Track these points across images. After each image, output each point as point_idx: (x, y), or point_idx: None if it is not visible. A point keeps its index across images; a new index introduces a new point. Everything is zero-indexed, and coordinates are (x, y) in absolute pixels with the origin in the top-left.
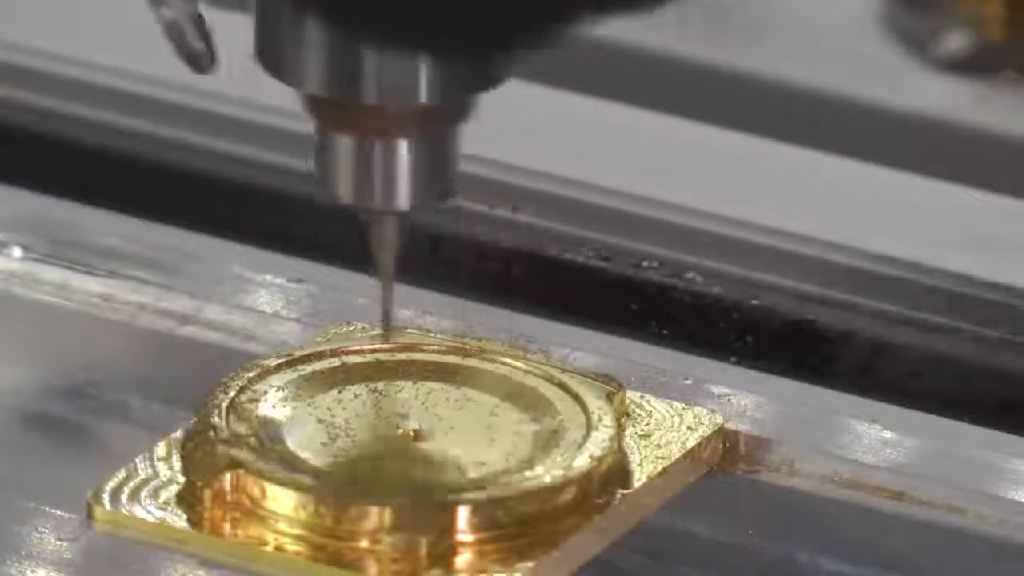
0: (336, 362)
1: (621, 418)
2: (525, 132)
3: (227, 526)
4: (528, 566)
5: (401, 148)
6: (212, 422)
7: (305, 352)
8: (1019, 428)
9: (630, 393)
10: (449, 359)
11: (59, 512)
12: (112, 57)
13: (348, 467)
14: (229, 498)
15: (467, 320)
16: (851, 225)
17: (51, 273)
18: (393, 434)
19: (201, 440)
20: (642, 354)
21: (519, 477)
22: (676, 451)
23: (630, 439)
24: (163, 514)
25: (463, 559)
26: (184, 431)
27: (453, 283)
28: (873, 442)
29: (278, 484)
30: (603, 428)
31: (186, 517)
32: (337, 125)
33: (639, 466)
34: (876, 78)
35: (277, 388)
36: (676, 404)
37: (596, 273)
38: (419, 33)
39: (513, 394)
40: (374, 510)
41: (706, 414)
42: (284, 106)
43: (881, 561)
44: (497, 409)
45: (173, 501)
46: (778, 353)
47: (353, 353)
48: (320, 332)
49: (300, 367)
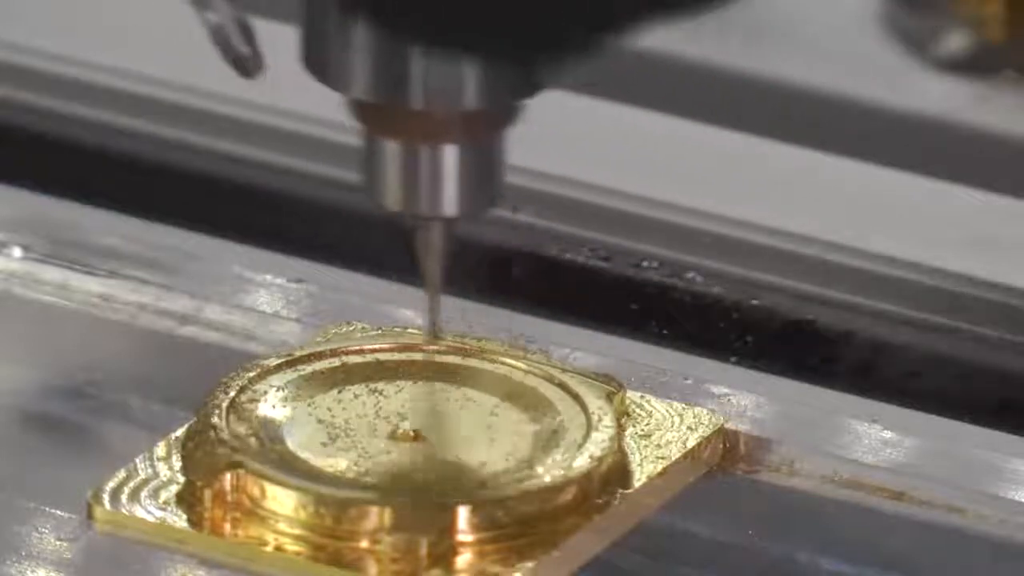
0: (336, 362)
1: (621, 418)
2: (524, 131)
3: (227, 526)
4: (528, 566)
5: (448, 153)
6: (212, 422)
7: (305, 352)
8: (1019, 428)
9: (630, 393)
10: (449, 359)
11: (59, 512)
12: (112, 57)
13: (348, 467)
14: (229, 498)
15: (467, 320)
16: (851, 225)
17: (51, 273)
18: (393, 434)
19: (201, 440)
20: (642, 354)
21: (519, 477)
22: (676, 451)
23: (630, 439)
24: (163, 514)
25: (463, 559)
26: (184, 431)
27: (453, 283)
28: (873, 442)
29: (278, 484)
30: (603, 428)
31: (186, 517)
32: (383, 130)
33: (639, 466)
34: (876, 78)
35: (277, 388)
36: (676, 404)
37: (596, 273)
38: (467, 37)
39: (513, 394)
40: (374, 510)
41: (706, 414)
42: (284, 106)
43: (881, 561)
44: (497, 409)
45: (173, 501)
46: (778, 353)
47: (353, 353)
48: (320, 332)
49: (300, 367)
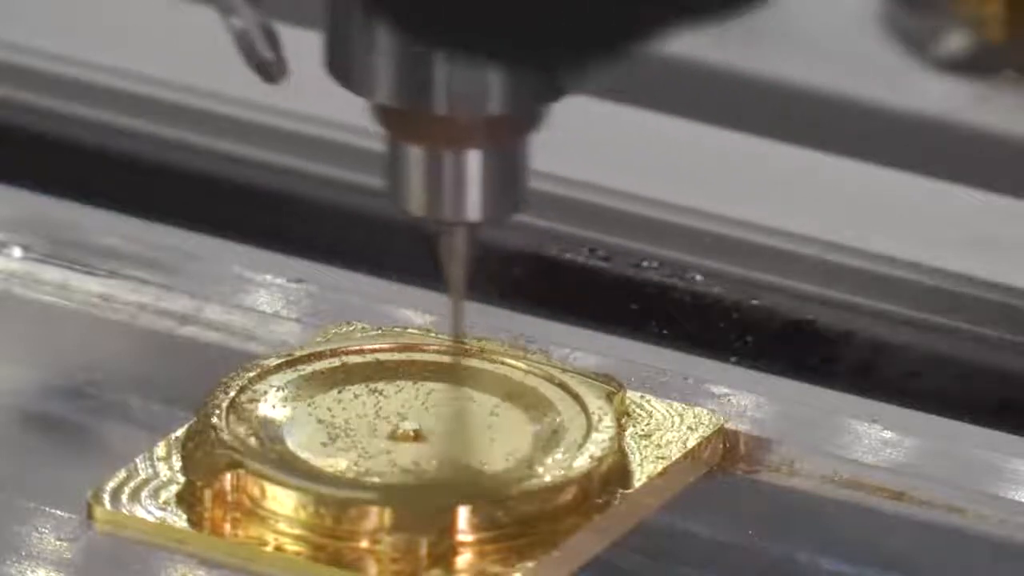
0: (336, 362)
1: (621, 418)
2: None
3: (227, 526)
4: (528, 566)
5: (471, 158)
6: (212, 422)
7: (305, 352)
8: (1019, 428)
9: (630, 393)
10: (449, 359)
11: (59, 512)
12: (112, 57)
13: (348, 467)
14: (229, 498)
15: (467, 320)
16: (851, 225)
17: (51, 273)
18: (393, 434)
19: (201, 440)
20: (642, 354)
21: (519, 477)
22: (676, 451)
23: (630, 439)
24: (163, 514)
25: (463, 559)
26: (184, 431)
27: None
28: (873, 442)
29: (278, 484)
30: (603, 428)
31: (186, 517)
32: (407, 135)
33: (639, 466)
34: (876, 78)
35: (277, 388)
36: (676, 404)
37: (596, 273)
38: (492, 42)
39: (513, 394)
40: (374, 510)
41: (706, 414)
42: (284, 107)
43: (881, 561)
44: (497, 409)
45: (173, 501)
46: (778, 353)
47: (353, 353)
48: (320, 332)
49: (300, 367)
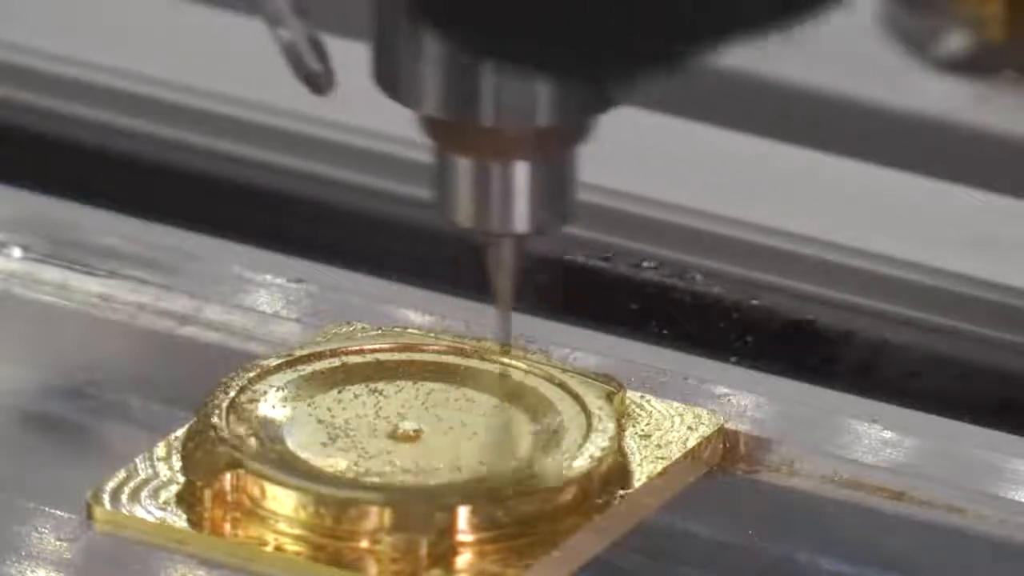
0: (336, 362)
1: (621, 418)
2: None
3: (227, 526)
4: (528, 566)
5: (519, 170)
6: (212, 422)
7: (305, 352)
8: (1019, 428)
9: (630, 393)
10: (449, 359)
11: (59, 512)
12: (112, 57)
13: (348, 467)
14: (229, 498)
15: (467, 320)
16: (851, 225)
17: (51, 273)
18: (393, 434)
19: (201, 440)
20: (642, 354)
21: (519, 477)
22: (676, 451)
23: (630, 439)
24: (163, 514)
25: (463, 559)
26: (184, 431)
27: (453, 283)
28: (873, 442)
29: (278, 484)
30: (603, 428)
31: (186, 517)
32: (454, 147)
33: (639, 466)
34: (876, 78)
35: (277, 388)
36: (676, 404)
37: (596, 273)
38: (542, 54)
39: (513, 394)
40: (374, 510)
41: (706, 414)
42: (284, 107)
43: (881, 561)
44: (497, 409)
45: (173, 501)
46: (778, 353)
47: (353, 353)
48: (320, 332)
49: (300, 367)
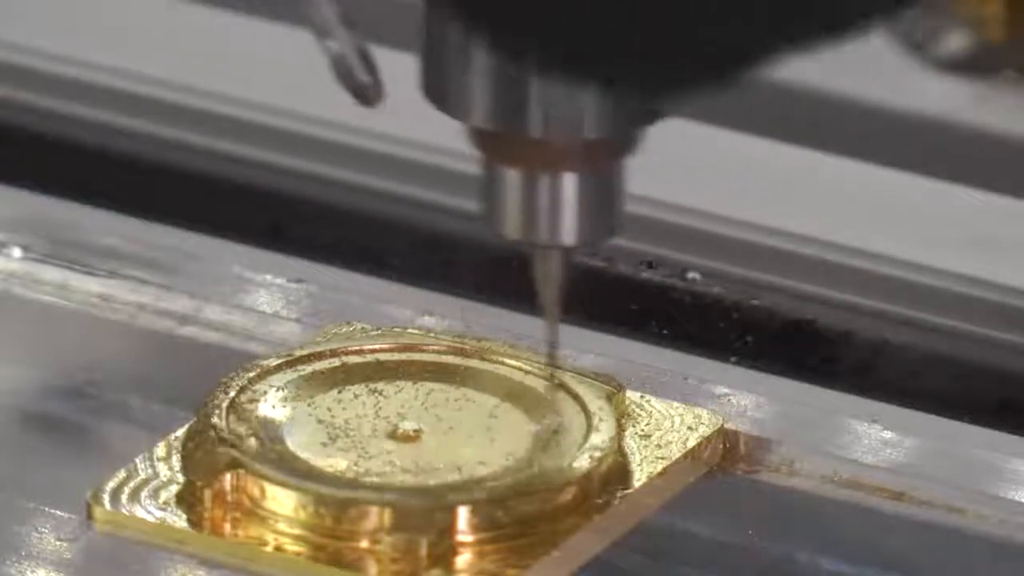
0: (336, 362)
1: (621, 418)
2: None
3: (227, 526)
4: (528, 566)
5: (567, 181)
6: (212, 422)
7: (305, 352)
8: (1019, 428)
9: (630, 393)
10: (449, 359)
11: (59, 512)
12: (112, 57)
13: (348, 467)
14: (229, 498)
15: (467, 320)
16: (851, 225)
17: (51, 273)
18: (393, 434)
19: (201, 440)
20: (642, 354)
21: (519, 477)
22: (676, 451)
23: (630, 439)
24: (163, 514)
25: (463, 559)
26: (184, 431)
27: (453, 283)
28: (873, 442)
29: (278, 484)
30: (603, 428)
31: (186, 517)
32: (503, 158)
33: (639, 466)
34: (876, 78)
35: (277, 388)
36: (676, 404)
37: (596, 273)
38: (596, 67)
39: (513, 394)
40: (374, 510)
41: (706, 414)
42: (285, 107)
43: (881, 561)
44: (497, 409)
45: (173, 501)
46: (778, 353)
47: (353, 353)
48: (320, 332)
49: (300, 367)
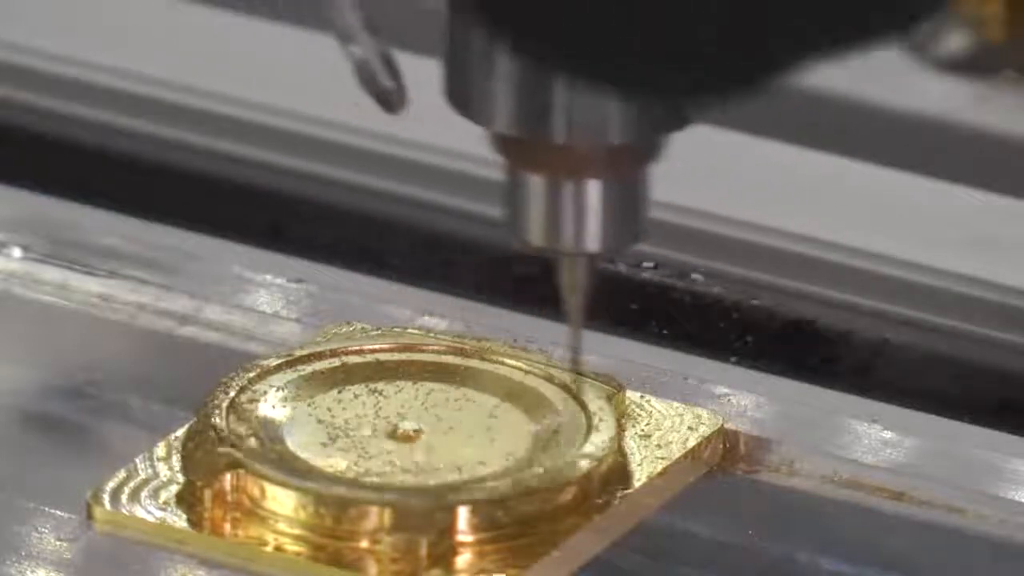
0: (336, 362)
1: (621, 418)
2: None
3: (227, 526)
4: (528, 566)
5: (592, 188)
6: (212, 422)
7: (305, 352)
8: (1019, 428)
9: (630, 393)
10: (449, 359)
11: (59, 512)
12: (112, 57)
13: (348, 467)
14: (229, 498)
15: (467, 320)
16: (851, 225)
17: (51, 273)
18: (393, 434)
19: (201, 440)
20: (642, 354)
21: (519, 477)
22: (677, 451)
23: (630, 439)
24: (163, 514)
25: (463, 559)
26: (184, 431)
27: (453, 283)
28: (873, 442)
29: (278, 484)
30: (603, 428)
31: (186, 517)
32: (527, 165)
33: (639, 466)
34: (876, 78)
35: (277, 388)
36: (676, 404)
37: (596, 273)
38: (625, 74)
39: (513, 394)
40: (374, 510)
41: (706, 414)
42: (285, 107)
43: (881, 561)
44: (497, 409)
45: (173, 501)
46: (778, 353)
47: (353, 353)
48: (320, 332)
49: (300, 367)
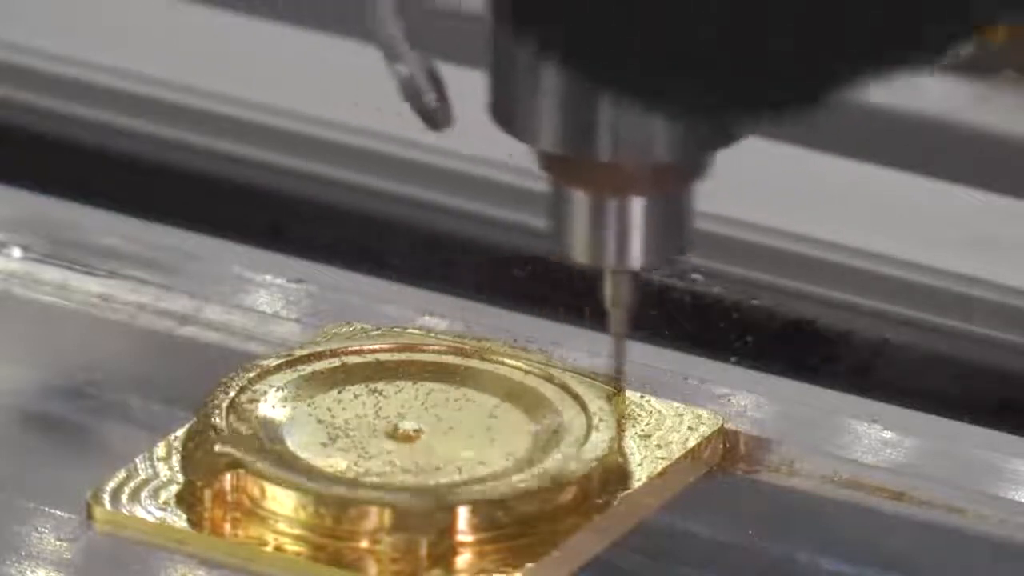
0: (336, 362)
1: (621, 418)
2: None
3: (227, 526)
4: (528, 566)
5: (635, 206)
6: (212, 422)
7: (305, 352)
8: (1019, 428)
9: (630, 393)
10: (449, 359)
11: (59, 512)
12: (112, 57)
13: (348, 467)
14: (229, 498)
15: (467, 320)
16: (852, 225)
17: (51, 273)
18: (393, 434)
19: (201, 440)
20: (642, 354)
21: (519, 477)
22: (677, 451)
23: (631, 439)
24: (163, 514)
25: (463, 559)
26: (184, 431)
27: (453, 283)
28: (873, 442)
29: (278, 484)
30: (603, 428)
31: (186, 517)
32: (571, 181)
33: (639, 466)
34: None
35: (277, 388)
36: (676, 404)
37: (596, 273)
38: (665, 89)
39: (513, 394)
40: (374, 510)
41: (706, 414)
42: (285, 107)
43: (881, 561)
44: (497, 409)
45: (173, 501)
46: (778, 353)
47: (353, 353)
48: (320, 332)
49: (300, 367)
